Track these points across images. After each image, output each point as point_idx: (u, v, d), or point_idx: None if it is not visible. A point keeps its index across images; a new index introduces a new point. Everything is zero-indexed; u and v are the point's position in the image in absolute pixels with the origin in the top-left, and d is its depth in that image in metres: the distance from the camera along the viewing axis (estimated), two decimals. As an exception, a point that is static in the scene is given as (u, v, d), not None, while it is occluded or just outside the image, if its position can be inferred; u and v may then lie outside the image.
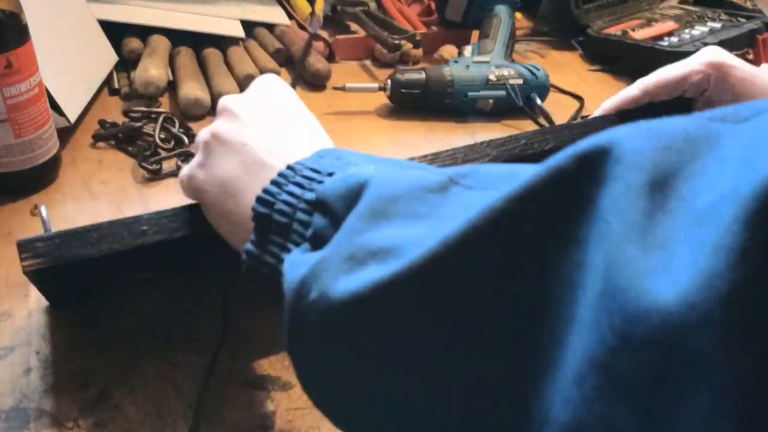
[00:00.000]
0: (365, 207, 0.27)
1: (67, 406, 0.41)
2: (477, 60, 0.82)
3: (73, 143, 0.68)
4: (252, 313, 0.49)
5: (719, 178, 0.18)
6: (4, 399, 0.41)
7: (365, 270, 0.24)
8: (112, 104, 0.76)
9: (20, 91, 0.55)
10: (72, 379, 0.43)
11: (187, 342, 0.46)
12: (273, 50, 0.88)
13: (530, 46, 1.04)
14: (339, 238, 0.27)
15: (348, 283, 0.24)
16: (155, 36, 0.84)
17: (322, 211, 0.29)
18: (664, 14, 1.08)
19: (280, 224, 0.31)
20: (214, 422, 0.41)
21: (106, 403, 0.41)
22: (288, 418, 0.41)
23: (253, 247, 0.32)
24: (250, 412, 0.41)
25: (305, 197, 0.30)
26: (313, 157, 0.33)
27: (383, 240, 0.25)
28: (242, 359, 0.45)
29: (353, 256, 0.25)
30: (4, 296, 0.48)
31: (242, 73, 0.79)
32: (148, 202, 0.60)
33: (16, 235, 0.54)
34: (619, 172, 0.20)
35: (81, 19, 0.78)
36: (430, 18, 1.04)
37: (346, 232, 0.26)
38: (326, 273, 0.26)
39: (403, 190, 0.26)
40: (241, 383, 0.43)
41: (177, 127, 0.70)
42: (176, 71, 0.79)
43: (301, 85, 0.85)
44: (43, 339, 0.45)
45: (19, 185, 0.59)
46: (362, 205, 0.27)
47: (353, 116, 0.79)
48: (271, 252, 0.31)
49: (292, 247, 0.30)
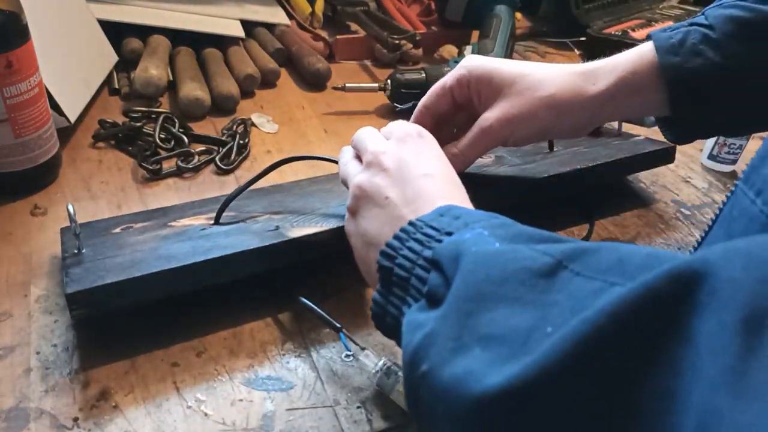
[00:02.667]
0: (472, 286, 0.28)
1: (67, 406, 0.41)
2: (477, 60, 0.82)
3: (73, 143, 0.68)
4: (252, 312, 0.49)
5: None
6: (4, 399, 0.41)
7: (470, 355, 0.26)
8: (112, 104, 0.76)
9: (20, 91, 0.55)
10: (72, 379, 0.43)
11: (187, 342, 0.46)
12: (273, 50, 0.88)
13: (530, 46, 1.04)
14: (448, 311, 0.28)
15: (454, 367, 0.26)
16: (155, 36, 0.84)
17: (438, 270, 0.30)
18: (664, 14, 1.08)
19: (401, 277, 0.32)
20: (215, 422, 0.41)
21: (106, 403, 0.41)
22: (288, 418, 0.41)
23: (379, 297, 0.34)
24: (250, 412, 0.41)
25: (423, 254, 0.32)
26: (434, 214, 0.34)
27: (489, 326, 0.26)
28: (242, 359, 0.45)
29: (459, 338, 0.27)
30: (4, 296, 0.48)
31: (242, 73, 0.79)
32: (148, 202, 0.60)
33: (16, 235, 0.55)
34: (713, 306, 0.19)
35: (81, 19, 0.78)
36: (430, 18, 1.04)
37: (455, 310, 0.28)
38: (435, 348, 0.27)
39: (510, 273, 0.27)
40: (242, 383, 0.43)
41: (177, 127, 0.70)
42: (176, 71, 0.79)
43: (302, 85, 0.85)
44: (43, 339, 0.45)
45: (19, 185, 0.59)
46: (468, 283, 0.28)
47: (353, 116, 0.79)
48: (394, 303, 0.33)
49: (411, 301, 0.32)
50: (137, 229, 0.49)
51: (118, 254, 0.46)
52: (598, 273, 0.25)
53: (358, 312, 0.50)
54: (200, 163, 0.65)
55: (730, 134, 0.68)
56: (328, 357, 0.46)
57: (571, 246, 0.28)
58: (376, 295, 0.34)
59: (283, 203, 0.54)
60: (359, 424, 0.41)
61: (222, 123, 0.73)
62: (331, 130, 0.75)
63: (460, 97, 0.52)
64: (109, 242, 0.47)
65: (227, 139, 0.69)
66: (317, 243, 0.49)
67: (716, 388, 0.18)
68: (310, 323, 0.48)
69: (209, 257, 0.45)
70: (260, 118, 0.76)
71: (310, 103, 0.81)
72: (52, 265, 0.51)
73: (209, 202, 0.54)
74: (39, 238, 0.54)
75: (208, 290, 0.47)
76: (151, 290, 0.44)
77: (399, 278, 0.33)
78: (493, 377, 0.24)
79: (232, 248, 0.47)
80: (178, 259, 0.45)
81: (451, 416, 0.26)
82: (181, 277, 0.45)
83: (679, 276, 0.21)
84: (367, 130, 0.46)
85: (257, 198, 0.55)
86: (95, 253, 0.46)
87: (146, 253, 0.46)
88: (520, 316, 0.26)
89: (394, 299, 0.33)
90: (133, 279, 0.43)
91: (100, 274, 0.43)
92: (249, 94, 0.81)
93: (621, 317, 0.21)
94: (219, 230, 0.49)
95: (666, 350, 0.20)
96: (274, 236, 0.48)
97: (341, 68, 0.91)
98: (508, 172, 0.60)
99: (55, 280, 0.50)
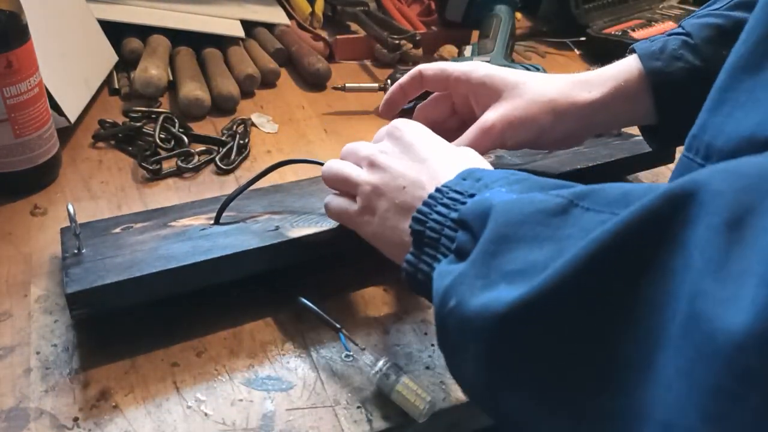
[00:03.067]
0: (495, 231, 0.31)
1: (67, 406, 0.41)
2: (477, 60, 0.82)
3: (73, 143, 0.68)
4: (252, 312, 0.49)
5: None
6: (4, 399, 0.41)
7: (497, 289, 0.29)
8: (112, 104, 0.76)
9: (20, 91, 0.55)
10: (72, 379, 0.43)
11: (187, 342, 0.46)
12: (273, 50, 0.88)
13: (530, 46, 1.04)
14: (475, 256, 0.32)
15: (482, 298, 0.30)
16: (155, 36, 0.84)
17: (464, 228, 0.34)
18: (664, 14, 1.08)
19: (432, 238, 0.36)
20: (215, 422, 0.41)
21: (106, 403, 0.41)
22: (288, 418, 0.41)
23: (412, 257, 0.38)
24: (250, 412, 0.41)
25: (450, 216, 0.36)
26: (457, 179, 0.38)
27: (512, 263, 0.30)
28: (242, 359, 0.45)
29: (486, 276, 0.30)
30: (4, 296, 0.48)
31: (242, 73, 0.79)
32: (148, 202, 0.60)
33: (16, 235, 0.55)
34: (701, 215, 0.23)
35: (81, 19, 0.78)
36: (430, 18, 1.04)
37: (481, 252, 0.31)
38: (464, 286, 0.31)
39: (528, 215, 0.31)
40: (242, 383, 0.43)
41: (177, 127, 0.70)
42: (176, 71, 0.79)
43: (302, 85, 0.85)
44: (43, 339, 0.45)
45: (19, 185, 0.59)
46: (491, 229, 0.32)
47: (353, 116, 0.79)
48: (426, 261, 0.37)
49: (441, 258, 0.35)
50: (137, 229, 0.49)
51: (118, 254, 0.46)
52: (606, 206, 0.29)
53: (357, 312, 0.50)
54: (200, 163, 0.65)
55: None
56: (328, 357, 0.46)
57: (581, 188, 0.31)
58: (408, 257, 0.38)
59: (283, 203, 0.54)
60: (359, 424, 0.41)
61: (222, 123, 0.73)
62: (331, 130, 0.75)
63: (458, 99, 0.52)
64: (109, 242, 0.47)
65: (227, 139, 0.69)
66: (317, 243, 0.49)
67: (702, 275, 0.22)
68: (310, 323, 0.48)
69: (209, 257, 0.46)
70: (260, 118, 0.76)
71: (310, 103, 0.81)
72: (52, 265, 0.51)
73: (209, 202, 0.54)
74: (39, 238, 0.54)
75: (208, 290, 0.47)
76: (151, 290, 0.44)
77: (430, 239, 0.36)
78: (512, 296, 0.28)
79: (232, 248, 0.47)
80: (178, 259, 0.45)
81: (478, 337, 0.29)
82: (181, 277, 0.45)
83: (672, 195, 0.24)
84: (353, 143, 0.48)
85: (257, 198, 0.55)
86: (95, 253, 0.46)
87: (146, 253, 0.46)
88: (539, 251, 0.29)
89: (425, 258, 0.37)
90: (133, 279, 0.43)
91: (100, 274, 0.43)
92: (249, 94, 0.81)
93: (622, 235, 0.25)
94: (219, 230, 0.49)
95: (663, 258, 0.24)
96: (274, 236, 0.48)
97: (341, 68, 0.91)
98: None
99: (55, 280, 0.50)
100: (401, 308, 0.50)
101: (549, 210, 0.30)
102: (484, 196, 0.34)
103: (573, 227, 0.29)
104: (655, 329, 0.24)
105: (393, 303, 0.51)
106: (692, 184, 0.24)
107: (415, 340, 0.48)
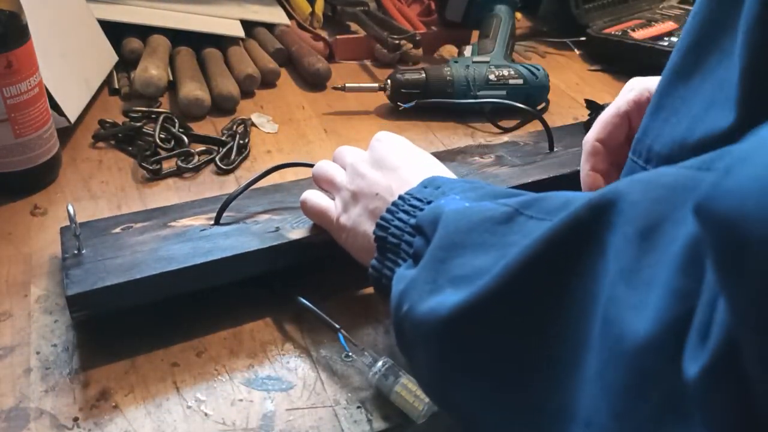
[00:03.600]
0: (444, 237, 0.33)
1: (67, 406, 0.41)
2: (477, 60, 0.82)
3: (73, 143, 0.68)
4: (252, 312, 0.49)
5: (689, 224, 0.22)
6: (4, 399, 0.41)
7: (443, 294, 0.31)
8: (112, 104, 0.76)
9: (20, 91, 0.55)
10: (72, 379, 0.43)
11: (187, 342, 0.46)
12: (273, 50, 0.88)
13: (530, 46, 1.04)
14: (425, 262, 0.33)
15: (429, 302, 0.31)
16: (155, 36, 0.84)
17: (420, 234, 0.36)
18: (664, 14, 1.08)
19: (393, 244, 0.38)
20: (215, 422, 0.41)
21: (106, 403, 0.41)
22: (288, 418, 0.41)
23: (376, 263, 0.39)
24: (250, 412, 0.41)
25: (410, 222, 0.37)
26: (418, 187, 0.40)
27: (459, 268, 0.31)
28: (242, 359, 0.45)
29: (434, 281, 0.32)
30: (4, 296, 0.48)
31: (242, 73, 0.79)
32: (148, 202, 0.60)
33: (16, 235, 0.55)
34: (619, 223, 0.25)
35: (81, 19, 0.78)
36: (430, 18, 1.04)
37: (431, 259, 0.33)
38: (414, 291, 0.33)
39: (476, 223, 0.32)
40: (242, 383, 0.43)
41: (177, 127, 0.70)
42: (176, 71, 0.79)
43: (302, 85, 0.85)
44: (43, 339, 0.45)
45: (19, 185, 0.59)
46: (441, 236, 0.33)
47: (353, 116, 0.79)
48: (388, 267, 0.38)
49: (401, 262, 0.37)
50: (137, 229, 0.49)
51: (118, 255, 0.46)
52: (548, 214, 0.30)
53: (357, 312, 0.50)
54: (200, 163, 0.65)
55: None
56: (328, 357, 0.46)
57: (528, 197, 0.32)
58: (373, 262, 0.40)
59: (283, 203, 0.54)
60: (359, 424, 0.41)
61: (222, 123, 0.73)
62: (331, 130, 0.75)
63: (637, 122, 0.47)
64: (109, 242, 0.47)
65: (227, 139, 0.69)
66: (317, 244, 0.49)
67: (616, 281, 0.24)
68: (310, 323, 0.48)
69: (209, 259, 0.46)
70: (260, 118, 0.76)
71: (310, 103, 0.81)
72: (52, 265, 0.51)
73: (209, 202, 0.54)
74: (39, 238, 0.54)
75: (208, 290, 0.47)
76: (152, 292, 0.44)
77: (392, 245, 0.38)
78: (455, 300, 0.29)
79: (232, 250, 0.47)
80: (179, 261, 0.45)
81: (427, 339, 0.31)
82: (182, 278, 0.45)
83: (597, 204, 0.26)
84: (344, 147, 0.51)
85: (257, 198, 0.55)
86: (95, 253, 0.46)
87: (146, 254, 0.46)
88: (484, 257, 0.30)
89: (388, 263, 0.38)
90: (134, 281, 0.43)
91: (100, 276, 0.43)
92: (249, 94, 0.81)
93: (552, 240, 0.27)
94: (219, 231, 0.49)
95: (587, 262, 0.26)
96: (274, 238, 0.48)
97: (341, 68, 0.91)
98: (509, 173, 0.60)
99: (55, 280, 0.50)
100: (401, 308, 0.50)
101: (495, 218, 0.32)
102: (438, 203, 0.36)
103: (516, 234, 0.30)
104: (582, 330, 0.25)
105: (393, 303, 0.51)
106: (613, 194, 0.25)
107: (415, 341, 0.48)
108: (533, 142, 0.67)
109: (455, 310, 0.29)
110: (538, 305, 0.27)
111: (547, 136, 0.65)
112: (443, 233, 0.33)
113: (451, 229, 0.33)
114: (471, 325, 0.29)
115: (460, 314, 0.29)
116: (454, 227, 0.33)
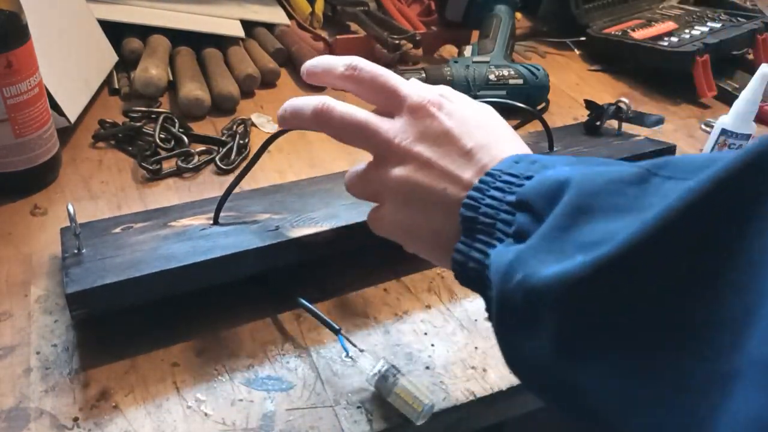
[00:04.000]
0: (569, 204, 0.29)
1: (67, 406, 0.41)
2: (477, 60, 0.82)
3: (73, 143, 0.68)
4: (252, 312, 0.49)
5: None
6: (4, 399, 0.41)
7: (573, 259, 0.27)
8: (112, 104, 0.76)
9: (20, 91, 0.55)
10: (72, 379, 0.43)
11: (187, 342, 0.46)
12: (273, 50, 0.88)
13: (530, 46, 1.04)
14: (545, 231, 0.30)
15: (554, 268, 0.27)
16: (155, 36, 0.84)
17: (525, 210, 0.32)
18: (664, 14, 1.08)
19: (486, 224, 0.34)
20: (215, 422, 0.41)
21: (106, 403, 0.41)
22: (288, 418, 0.41)
23: (462, 246, 0.35)
24: (250, 412, 0.41)
25: (506, 199, 0.34)
26: (508, 163, 0.36)
27: (590, 235, 0.28)
28: (242, 359, 0.45)
29: (561, 249, 0.28)
30: (4, 296, 0.48)
31: (242, 73, 0.79)
32: (148, 202, 0.60)
33: (16, 235, 0.55)
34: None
35: (81, 19, 0.78)
36: (430, 18, 1.04)
37: (552, 227, 0.30)
38: (533, 259, 0.29)
39: (603, 186, 0.29)
40: (242, 383, 0.43)
41: (177, 127, 0.70)
42: (176, 71, 0.79)
43: (302, 85, 0.85)
44: (43, 339, 0.45)
45: (19, 185, 0.59)
46: (566, 202, 0.30)
47: (353, 116, 0.79)
48: (478, 249, 0.35)
49: (496, 243, 0.34)
50: (137, 229, 0.49)
51: (118, 254, 0.46)
52: (689, 173, 0.27)
53: (357, 312, 0.50)
54: (200, 163, 0.65)
55: None
56: (328, 357, 0.46)
57: (655, 160, 0.29)
58: (459, 245, 0.35)
59: (283, 203, 0.54)
60: (359, 424, 0.41)
61: (222, 123, 0.73)
62: (331, 130, 0.75)
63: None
64: (109, 242, 0.47)
65: (227, 139, 0.69)
66: (317, 243, 0.49)
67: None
68: (310, 323, 0.48)
69: (209, 257, 0.46)
70: (260, 118, 0.76)
71: (310, 103, 0.81)
72: (52, 265, 0.51)
73: (209, 202, 0.54)
74: (39, 238, 0.54)
75: (208, 290, 0.47)
76: (152, 291, 0.44)
77: (484, 225, 0.34)
78: (587, 260, 0.26)
79: (232, 248, 0.47)
80: (178, 260, 0.45)
81: (553, 306, 0.27)
82: (181, 277, 0.45)
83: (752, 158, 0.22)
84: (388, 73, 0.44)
85: (257, 198, 0.55)
86: (95, 253, 0.46)
87: (146, 254, 0.46)
88: (619, 222, 0.27)
89: (478, 245, 0.35)
90: (133, 279, 0.43)
91: (100, 275, 0.43)
92: (249, 94, 0.81)
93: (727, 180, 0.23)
94: (219, 230, 0.49)
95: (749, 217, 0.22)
96: (274, 236, 0.48)
97: (341, 68, 0.91)
98: None
99: (55, 280, 0.50)
100: (401, 308, 0.50)
101: (625, 180, 0.28)
102: (545, 176, 0.32)
103: (654, 196, 0.27)
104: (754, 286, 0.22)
105: (393, 303, 0.51)
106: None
107: (415, 340, 0.48)
108: (533, 142, 0.67)
109: (590, 269, 0.26)
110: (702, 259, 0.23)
111: (547, 136, 0.65)
112: (567, 200, 0.30)
113: (574, 193, 0.30)
114: (610, 283, 0.25)
115: (598, 273, 0.25)
116: (576, 192, 0.29)
